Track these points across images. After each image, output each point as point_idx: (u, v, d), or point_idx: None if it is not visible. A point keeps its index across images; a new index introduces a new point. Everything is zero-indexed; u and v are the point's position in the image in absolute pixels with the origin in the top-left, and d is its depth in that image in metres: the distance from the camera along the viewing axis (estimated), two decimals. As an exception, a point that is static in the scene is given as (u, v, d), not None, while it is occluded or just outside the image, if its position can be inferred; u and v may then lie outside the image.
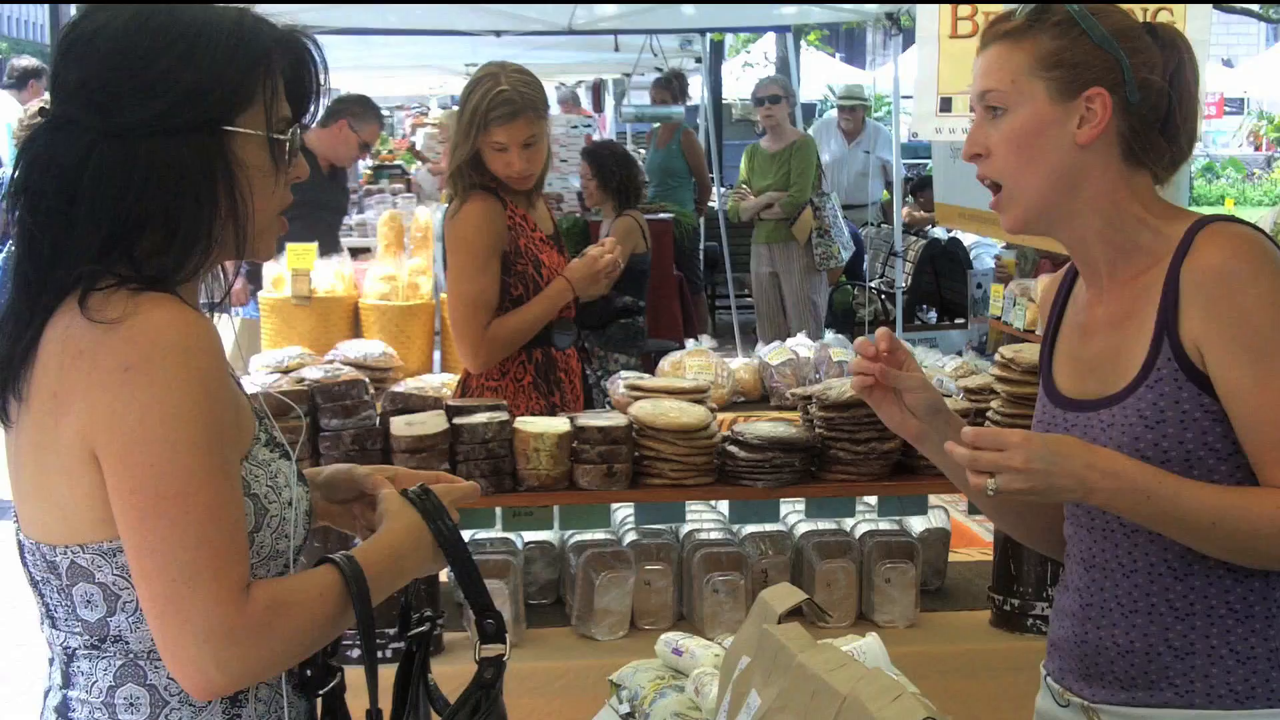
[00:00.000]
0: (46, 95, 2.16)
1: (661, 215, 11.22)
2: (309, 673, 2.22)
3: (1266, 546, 2.25)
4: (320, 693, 2.24)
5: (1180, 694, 2.35)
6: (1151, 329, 2.33)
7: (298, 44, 2.17)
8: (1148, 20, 2.45)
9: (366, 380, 4.05)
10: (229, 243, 2.08)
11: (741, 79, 23.86)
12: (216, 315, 2.20)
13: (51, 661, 2.16)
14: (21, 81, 12.29)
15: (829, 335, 6.08)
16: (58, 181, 2.02)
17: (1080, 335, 2.50)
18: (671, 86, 14.26)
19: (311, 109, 2.22)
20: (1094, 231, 2.42)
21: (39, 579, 2.10)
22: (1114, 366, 2.39)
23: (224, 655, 1.95)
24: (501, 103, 4.49)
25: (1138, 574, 2.39)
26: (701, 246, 13.28)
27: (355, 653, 3.33)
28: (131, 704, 2.07)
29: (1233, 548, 2.27)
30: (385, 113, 19.58)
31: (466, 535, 4.04)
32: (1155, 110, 2.37)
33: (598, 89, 21.29)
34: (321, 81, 2.21)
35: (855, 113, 13.57)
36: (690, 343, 5.94)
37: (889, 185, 13.83)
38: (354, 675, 2.25)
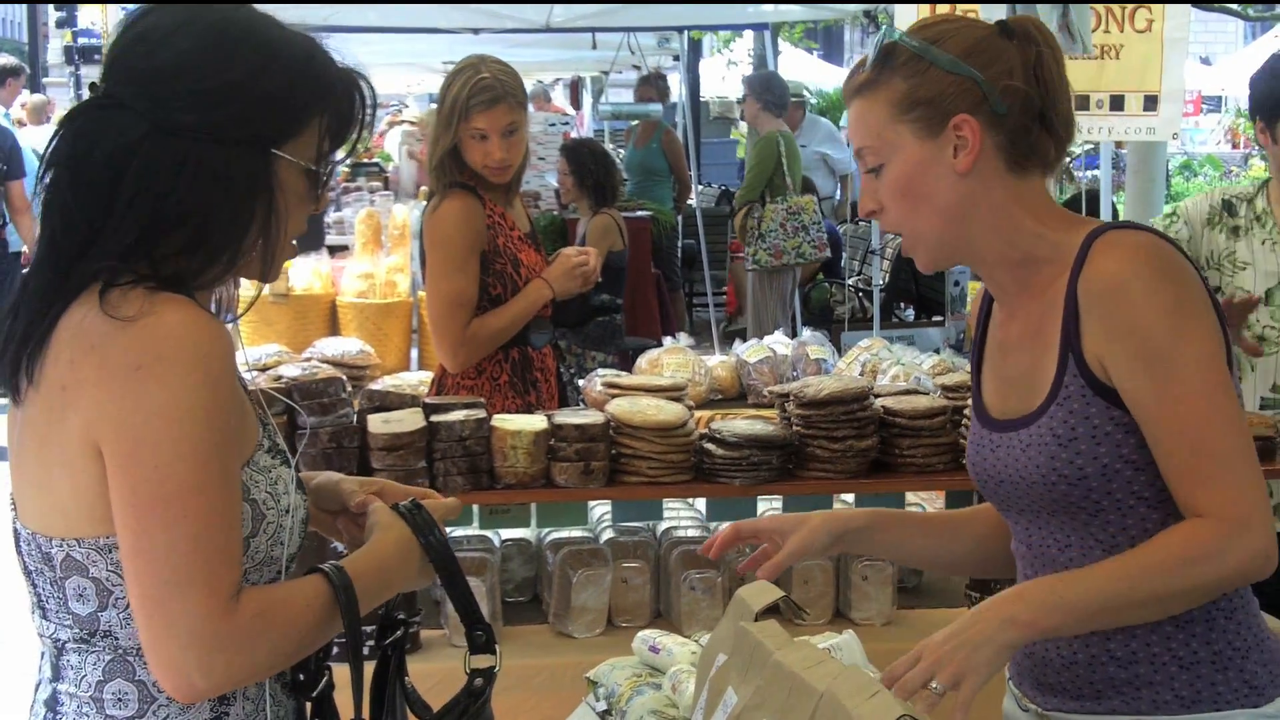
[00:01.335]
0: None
1: (639, 213, 11.22)
2: (301, 676, 2.22)
3: (1191, 587, 2.21)
4: (312, 696, 2.24)
5: (1127, 702, 2.34)
6: (1058, 345, 2.31)
7: (355, 84, 2.21)
8: (1006, 21, 2.40)
9: (344, 378, 4.04)
10: (255, 261, 2.13)
11: (728, 78, 23.89)
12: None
13: (42, 654, 2.16)
14: (-1, 80, 12.27)
15: (806, 333, 6.07)
16: (104, 161, 2.03)
17: (1000, 352, 2.49)
18: (657, 84, 14.28)
19: (352, 147, 2.25)
20: (995, 253, 2.39)
21: (33, 569, 2.10)
22: (1029, 384, 2.37)
23: (208, 661, 1.96)
24: (482, 89, 4.51)
25: None
26: (680, 244, 13.29)
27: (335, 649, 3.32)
28: (120, 699, 2.08)
29: (1166, 602, 2.23)
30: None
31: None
32: (1027, 111, 2.33)
33: (575, 87, 21.29)
34: (367, 122, 2.24)
35: None
36: (668, 340, 5.93)
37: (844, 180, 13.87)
38: (339, 671, 2.25)
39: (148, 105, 2.03)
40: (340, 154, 2.24)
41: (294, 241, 2.23)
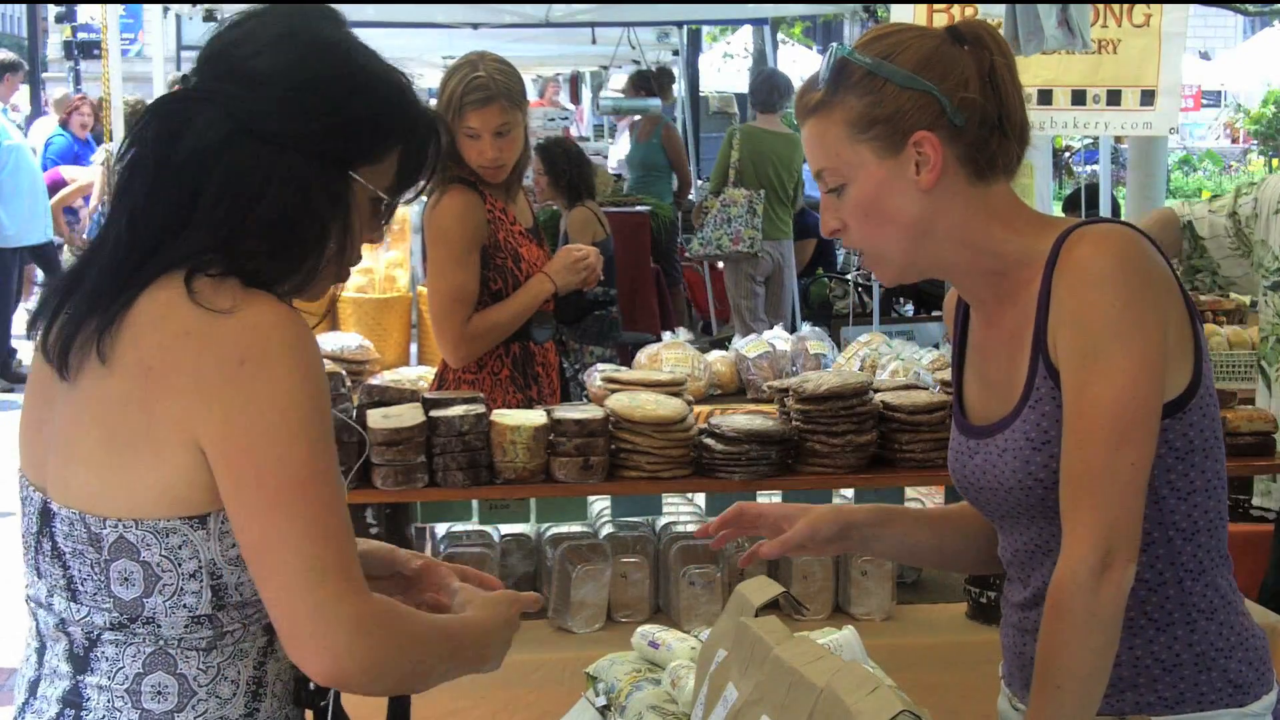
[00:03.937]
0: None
1: (638, 208, 11.22)
2: (311, 685, 2.20)
3: (1098, 645, 2.19)
4: (320, 703, 2.23)
5: (1111, 704, 2.31)
6: (1030, 347, 2.29)
7: (435, 129, 2.26)
8: (957, 27, 2.36)
9: (343, 373, 4.05)
10: (326, 276, 2.19)
11: (724, 70, 23.86)
12: None
13: (43, 650, 2.13)
14: (-2, 75, 12.26)
15: (805, 328, 6.08)
16: (187, 157, 2.06)
17: (980, 356, 2.46)
18: (648, 83, 14.27)
19: (419, 186, 2.30)
20: (964, 263, 2.36)
21: (69, 550, 2.06)
22: (1007, 387, 2.34)
23: (356, 644, 1.97)
24: (476, 88, 4.51)
25: None
26: (679, 239, 13.28)
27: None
28: (159, 693, 2.05)
29: (1095, 664, 2.20)
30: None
31: (443, 528, 4.06)
32: (985, 120, 2.30)
33: (575, 82, 21.29)
34: (436, 164, 2.29)
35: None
36: (667, 335, 5.94)
37: None
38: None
39: (239, 106, 2.07)
40: (409, 194, 2.29)
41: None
